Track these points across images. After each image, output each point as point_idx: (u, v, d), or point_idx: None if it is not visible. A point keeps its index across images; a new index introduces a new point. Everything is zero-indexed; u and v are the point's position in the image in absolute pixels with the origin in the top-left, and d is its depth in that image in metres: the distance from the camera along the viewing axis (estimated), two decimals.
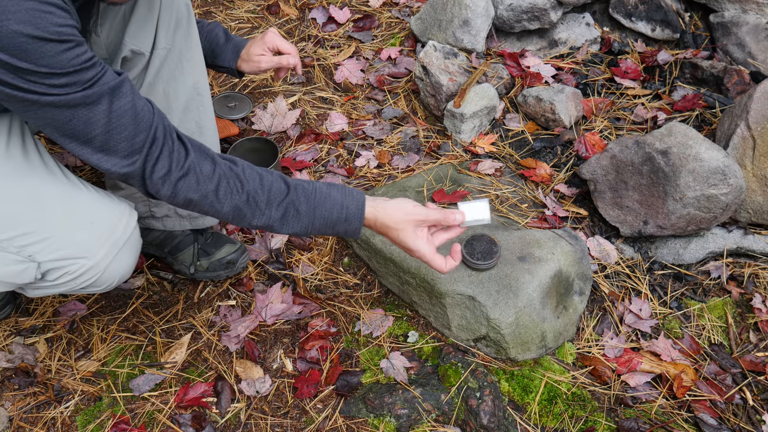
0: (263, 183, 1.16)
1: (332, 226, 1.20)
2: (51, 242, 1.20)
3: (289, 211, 1.17)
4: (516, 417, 1.47)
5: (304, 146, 2.10)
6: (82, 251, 1.22)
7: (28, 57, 0.91)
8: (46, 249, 1.20)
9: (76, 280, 1.24)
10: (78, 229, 1.22)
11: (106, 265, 1.25)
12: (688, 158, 1.63)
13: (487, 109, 2.05)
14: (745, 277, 1.74)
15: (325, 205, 1.18)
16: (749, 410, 1.49)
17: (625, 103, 2.13)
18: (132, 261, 1.32)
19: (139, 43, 1.32)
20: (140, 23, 1.31)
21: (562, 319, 1.61)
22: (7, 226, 1.17)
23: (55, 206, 1.21)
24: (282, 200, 1.16)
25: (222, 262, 1.70)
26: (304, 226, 1.19)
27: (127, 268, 1.32)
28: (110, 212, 1.26)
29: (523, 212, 1.81)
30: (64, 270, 1.22)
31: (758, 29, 2.12)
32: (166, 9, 1.34)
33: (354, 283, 1.77)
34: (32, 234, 1.18)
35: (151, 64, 1.36)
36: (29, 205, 1.19)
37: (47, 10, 0.91)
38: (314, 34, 2.45)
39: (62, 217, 1.21)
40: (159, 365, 1.58)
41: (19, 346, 1.59)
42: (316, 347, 1.61)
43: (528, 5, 2.19)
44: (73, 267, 1.22)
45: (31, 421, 1.48)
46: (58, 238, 1.20)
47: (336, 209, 1.19)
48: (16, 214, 1.18)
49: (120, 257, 1.27)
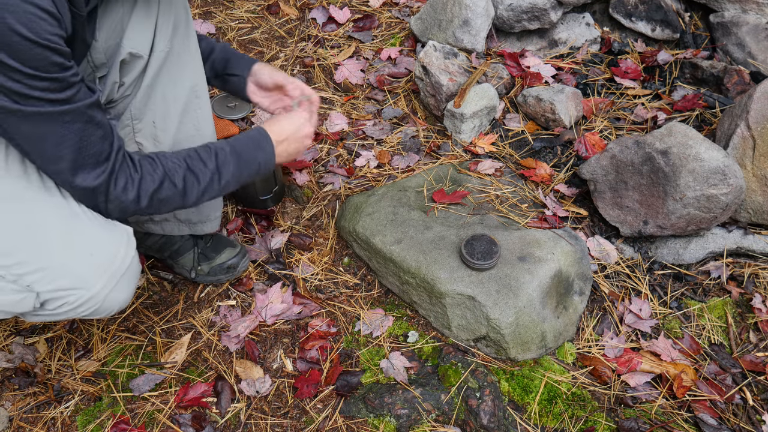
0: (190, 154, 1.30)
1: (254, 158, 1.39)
2: (48, 272, 1.18)
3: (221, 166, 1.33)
4: (516, 417, 1.47)
5: None
6: (81, 282, 1.21)
7: (19, 56, 0.95)
8: (44, 279, 1.18)
9: (76, 310, 1.23)
10: (76, 260, 1.21)
11: (105, 296, 1.24)
12: (688, 158, 1.63)
13: (487, 109, 2.05)
14: (745, 277, 1.74)
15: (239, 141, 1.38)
16: (749, 410, 1.49)
17: (625, 103, 2.13)
18: (131, 289, 1.32)
19: (138, 45, 1.32)
20: (138, 26, 1.30)
21: (562, 319, 1.61)
22: (3, 254, 1.16)
23: (54, 235, 1.19)
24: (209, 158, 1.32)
25: (223, 267, 1.70)
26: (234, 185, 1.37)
27: (127, 296, 1.31)
28: (109, 241, 1.25)
29: (523, 212, 1.81)
30: (63, 300, 1.21)
31: (758, 29, 2.12)
32: (164, 12, 1.34)
33: (354, 283, 1.76)
34: (29, 263, 1.17)
35: (150, 67, 1.36)
36: (27, 232, 1.17)
37: (42, 16, 0.95)
38: (314, 34, 2.45)
39: (60, 247, 1.20)
40: (159, 365, 1.58)
41: (19, 346, 1.59)
42: (316, 347, 1.61)
43: (528, 5, 2.19)
44: (71, 298, 1.21)
45: (31, 421, 1.48)
46: (56, 269, 1.19)
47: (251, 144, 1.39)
48: (14, 240, 1.16)
49: (119, 287, 1.26)
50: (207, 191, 1.31)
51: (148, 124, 1.43)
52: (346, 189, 1.97)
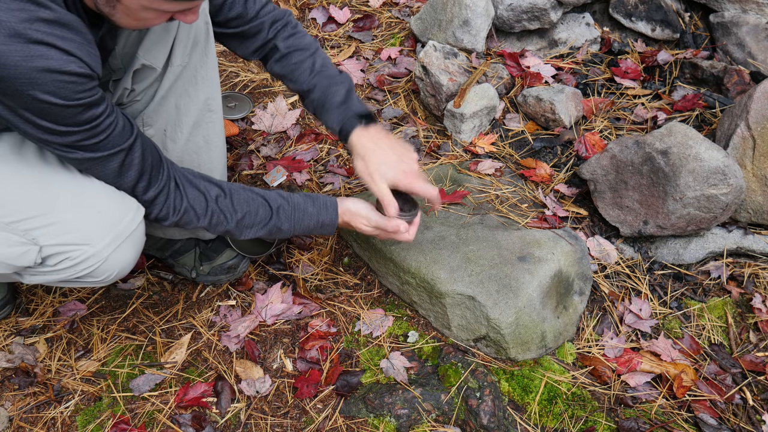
0: (250, 210, 1.37)
1: (310, 232, 1.47)
2: (56, 227, 1.21)
3: (273, 231, 1.41)
4: (516, 417, 1.47)
5: (304, 146, 2.10)
6: (86, 238, 1.23)
7: (50, 117, 1.04)
8: (50, 233, 1.20)
9: (76, 267, 1.24)
10: (84, 215, 1.23)
11: (107, 255, 1.25)
12: (688, 158, 1.63)
13: (487, 109, 2.05)
14: (745, 277, 1.74)
15: (303, 221, 1.42)
16: (749, 410, 1.49)
17: (625, 103, 2.13)
18: (133, 255, 1.33)
19: (152, 58, 1.34)
20: (155, 39, 1.33)
21: (562, 319, 1.61)
22: (14, 210, 1.18)
23: (65, 193, 1.22)
24: (266, 223, 1.39)
25: (223, 267, 1.71)
26: (286, 237, 1.48)
27: (128, 261, 1.32)
28: (118, 204, 1.27)
29: (523, 212, 1.81)
30: (65, 255, 1.22)
31: (758, 29, 2.12)
32: (185, 28, 1.36)
33: (354, 283, 1.76)
34: (39, 218, 1.19)
35: (165, 79, 1.39)
36: (39, 191, 1.21)
37: (71, 80, 1.02)
38: (314, 34, 2.45)
39: (70, 204, 1.22)
40: (159, 365, 1.58)
41: (19, 346, 1.59)
42: (316, 347, 1.61)
43: (528, 5, 2.19)
44: (74, 253, 1.22)
45: (31, 421, 1.48)
46: (63, 223, 1.21)
47: (313, 223, 1.43)
48: (26, 197, 1.20)
49: (122, 249, 1.27)
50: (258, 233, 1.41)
51: (159, 131, 1.46)
52: (346, 189, 1.97)
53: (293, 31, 1.53)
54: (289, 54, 1.52)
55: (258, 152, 2.08)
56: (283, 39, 1.52)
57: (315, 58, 1.52)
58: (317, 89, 1.50)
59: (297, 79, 1.52)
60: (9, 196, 1.19)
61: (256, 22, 1.48)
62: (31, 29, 0.95)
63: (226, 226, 1.35)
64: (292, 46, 1.52)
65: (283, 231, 1.41)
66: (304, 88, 1.51)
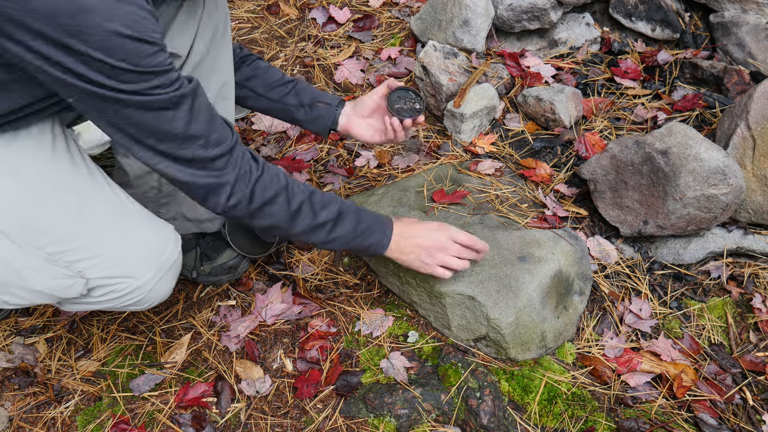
0: (316, 189, 1.31)
1: (370, 232, 1.38)
2: (102, 260, 1.21)
3: (344, 211, 1.33)
4: (516, 417, 1.47)
5: (304, 146, 2.10)
6: (132, 271, 1.24)
7: (126, 56, 0.95)
8: (96, 266, 1.21)
9: (121, 299, 1.27)
10: (129, 248, 1.24)
11: (152, 287, 1.28)
12: (688, 158, 1.63)
13: (487, 109, 2.05)
14: (745, 277, 1.74)
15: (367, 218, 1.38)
16: (749, 410, 1.49)
17: (625, 103, 2.13)
18: (173, 283, 1.36)
19: (178, 47, 1.33)
20: (180, 28, 1.32)
21: (562, 319, 1.61)
22: (56, 240, 1.18)
23: (106, 223, 1.22)
24: (336, 199, 1.33)
25: (224, 267, 1.71)
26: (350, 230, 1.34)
27: (169, 290, 1.35)
28: (159, 235, 1.30)
29: (523, 212, 1.81)
30: (111, 288, 1.24)
31: (758, 29, 2.12)
32: (207, 18, 1.36)
33: (354, 283, 1.76)
34: (83, 250, 1.19)
35: (185, 67, 1.38)
36: (78, 220, 1.20)
37: (144, 16, 0.96)
38: (314, 34, 2.45)
39: (114, 236, 1.23)
40: (159, 365, 1.58)
41: (19, 346, 1.59)
42: (316, 347, 1.61)
43: (528, 5, 2.19)
44: (120, 286, 1.24)
45: (31, 421, 1.48)
46: (109, 257, 1.22)
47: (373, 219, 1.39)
48: (66, 227, 1.18)
49: (164, 280, 1.31)
50: (315, 232, 1.30)
51: None
52: (346, 189, 1.97)
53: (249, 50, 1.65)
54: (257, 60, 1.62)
55: (258, 152, 2.08)
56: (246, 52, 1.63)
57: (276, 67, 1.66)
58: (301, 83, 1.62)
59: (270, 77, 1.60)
60: (50, 224, 1.17)
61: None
62: None
63: (301, 198, 1.25)
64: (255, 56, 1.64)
65: (348, 219, 1.32)
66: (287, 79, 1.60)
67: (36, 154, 1.16)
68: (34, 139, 1.17)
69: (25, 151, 1.15)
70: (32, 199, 1.15)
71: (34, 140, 1.17)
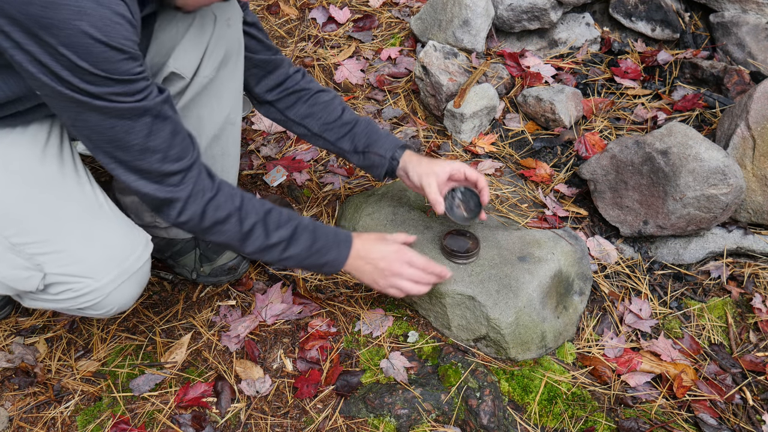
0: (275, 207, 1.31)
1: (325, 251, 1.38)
2: (62, 256, 1.21)
3: (295, 238, 1.32)
4: (516, 417, 1.47)
5: (304, 146, 2.10)
6: (90, 271, 1.23)
7: (90, 58, 0.96)
8: (56, 261, 1.20)
9: (77, 300, 1.25)
10: (92, 248, 1.23)
11: (110, 291, 1.26)
12: (688, 158, 1.63)
13: (487, 109, 2.05)
14: (745, 277, 1.74)
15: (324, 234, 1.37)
16: (749, 410, 1.49)
17: (625, 103, 2.13)
18: (136, 293, 1.33)
19: (182, 67, 1.32)
20: (188, 48, 1.31)
21: (562, 319, 1.61)
22: (24, 230, 1.18)
23: (76, 222, 1.22)
24: (290, 224, 1.31)
25: (224, 268, 1.71)
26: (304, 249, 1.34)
27: (130, 298, 1.33)
28: (127, 240, 1.28)
29: (523, 212, 1.81)
30: (68, 286, 1.23)
31: (758, 29, 2.12)
32: (217, 40, 1.34)
33: (354, 283, 1.76)
34: (46, 243, 1.19)
35: (190, 89, 1.36)
36: (50, 216, 1.20)
37: (118, 21, 0.96)
38: (314, 34, 2.45)
39: (79, 234, 1.22)
40: (159, 365, 1.58)
41: (19, 346, 1.59)
42: (316, 347, 1.61)
43: (528, 5, 2.19)
44: (77, 285, 1.23)
45: (31, 421, 1.48)
46: (70, 253, 1.21)
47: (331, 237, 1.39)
48: (37, 221, 1.19)
49: (125, 286, 1.29)
50: (268, 252, 1.30)
51: None
52: (346, 189, 1.97)
53: (311, 78, 1.59)
54: (318, 93, 1.57)
55: (258, 152, 2.08)
56: (307, 81, 1.57)
57: (339, 99, 1.60)
58: (361, 123, 1.57)
59: (328, 115, 1.56)
60: (20, 215, 1.18)
61: (278, 56, 1.52)
62: None
63: (254, 219, 1.25)
64: (316, 87, 1.58)
65: (303, 239, 1.32)
66: (346, 120, 1.56)
67: (26, 150, 1.18)
68: (29, 136, 1.18)
69: (17, 147, 1.17)
70: (10, 192, 1.17)
71: (28, 138, 1.18)
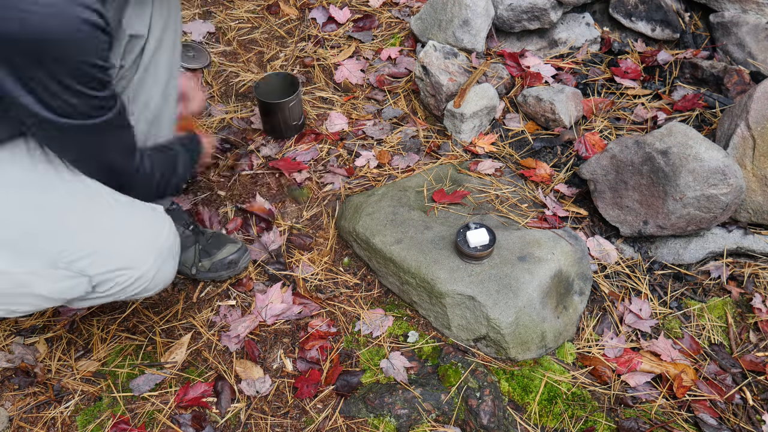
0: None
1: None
2: (99, 255, 1.21)
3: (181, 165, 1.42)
4: (516, 417, 1.47)
5: (304, 146, 2.10)
6: (131, 262, 1.25)
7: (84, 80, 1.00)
8: (96, 262, 1.21)
9: (125, 290, 1.27)
10: (124, 240, 1.24)
11: (154, 274, 1.28)
12: (688, 158, 1.63)
13: (487, 109, 2.05)
14: (745, 277, 1.74)
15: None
16: (749, 410, 1.49)
17: (625, 103, 2.13)
18: (175, 266, 1.36)
19: (137, 27, 1.32)
20: (135, 13, 1.30)
21: (562, 319, 1.61)
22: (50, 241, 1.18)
23: (97, 217, 1.23)
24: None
25: (224, 263, 1.71)
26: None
27: (172, 273, 1.35)
28: (151, 221, 1.30)
29: (523, 212, 1.81)
30: (115, 281, 1.24)
31: (758, 29, 2.12)
32: (157, 8, 1.35)
33: (354, 283, 1.76)
34: (79, 248, 1.19)
35: (146, 51, 1.37)
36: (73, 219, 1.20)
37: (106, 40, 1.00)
38: (314, 34, 2.45)
39: (107, 229, 1.23)
40: (159, 365, 1.58)
41: (19, 346, 1.59)
42: (316, 347, 1.61)
43: (528, 5, 2.19)
44: (122, 278, 1.24)
45: (31, 421, 1.48)
46: (106, 251, 1.22)
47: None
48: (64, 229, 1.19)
49: (165, 264, 1.31)
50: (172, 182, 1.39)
51: (140, 105, 1.45)
52: (346, 189, 1.97)
53: None
54: None
55: (258, 152, 2.08)
56: None
57: None
58: None
59: None
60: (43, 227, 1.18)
61: None
62: None
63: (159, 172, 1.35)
64: None
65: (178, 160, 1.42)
66: None
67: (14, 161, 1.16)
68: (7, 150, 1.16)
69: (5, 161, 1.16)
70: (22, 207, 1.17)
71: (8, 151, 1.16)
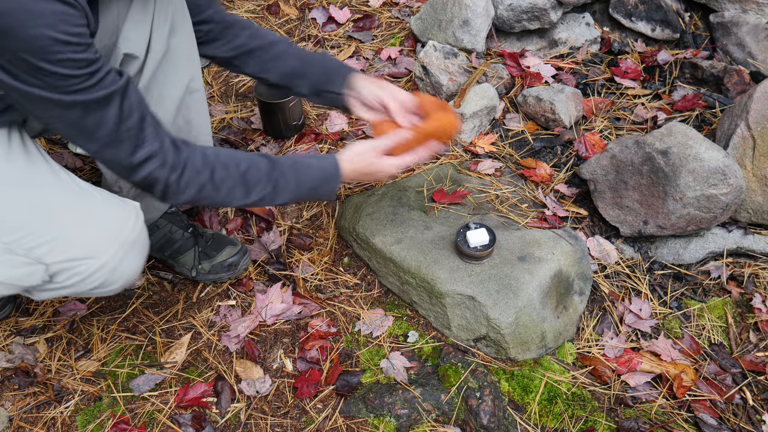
0: (252, 162, 1.28)
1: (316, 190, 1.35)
2: (58, 243, 1.20)
3: (278, 188, 1.29)
4: (516, 417, 1.47)
5: (304, 146, 2.10)
6: (90, 252, 1.22)
7: (49, 58, 0.96)
8: (53, 250, 1.19)
9: (85, 281, 1.24)
10: (85, 229, 1.22)
11: (115, 266, 1.25)
12: (688, 158, 1.63)
13: (487, 109, 2.05)
14: (745, 277, 1.74)
15: (306, 173, 1.33)
16: (749, 410, 1.49)
17: (625, 103, 2.13)
18: (140, 261, 1.32)
19: (133, 46, 1.31)
20: (134, 26, 1.29)
21: (562, 319, 1.61)
22: (12, 228, 1.17)
23: (62, 207, 1.21)
24: (270, 176, 1.28)
25: (224, 265, 1.71)
26: (292, 195, 1.32)
27: (136, 268, 1.32)
28: (117, 212, 1.27)
29: (523, 212, 1.81)
30: (73, 271, 1.22)
31: (758, 29, 2.12)
32: (161, 10, 1.33)
33: (354, 283, 1.77)
34: (38, 235, 1.18)
35: (146, 68, 1.36)
36: (35, 207, 1.19)
37: (69, 13, 0.95)
38: (314, 34, 2.45)
39: (69, 218, 1.21)
40: (159, 365, 1.58)
41: (19, 346, 1.59)
42: (316, 347, 1.61)
43: (528, 5, 2.19)
44: (81, 268, 1.22)
45: (31, 421, 1.48)
46: (65, 239, 1.20)
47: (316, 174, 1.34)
48: (22, 216, 1.18)
49: (128, 257, 1.28)
50: (255, 205, 1.31)
51: None
52: (346, 189, 1.97)
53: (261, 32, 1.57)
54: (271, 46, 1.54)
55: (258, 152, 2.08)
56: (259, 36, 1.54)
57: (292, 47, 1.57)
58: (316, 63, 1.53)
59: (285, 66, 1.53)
60: (4, 214, 1.17)
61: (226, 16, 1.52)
62: None
63: (230, 183, 1.24)
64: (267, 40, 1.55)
65: (288, 187, 1.30)
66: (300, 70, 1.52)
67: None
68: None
69: None
70: None
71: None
